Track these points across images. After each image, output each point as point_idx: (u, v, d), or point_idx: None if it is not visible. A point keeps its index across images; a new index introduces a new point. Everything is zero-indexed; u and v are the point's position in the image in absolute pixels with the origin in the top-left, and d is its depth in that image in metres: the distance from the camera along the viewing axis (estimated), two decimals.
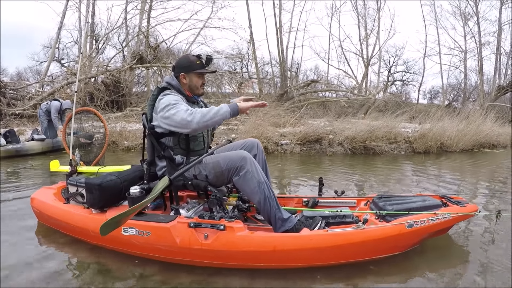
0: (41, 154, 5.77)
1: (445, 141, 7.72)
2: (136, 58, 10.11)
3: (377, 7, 18.27)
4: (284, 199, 2.32)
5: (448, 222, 2.01)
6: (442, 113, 9.00)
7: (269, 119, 7.81)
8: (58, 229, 2.21)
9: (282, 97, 11.46)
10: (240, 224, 1.79)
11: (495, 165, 6.37)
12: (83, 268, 1.88)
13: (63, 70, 12.06)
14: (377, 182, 4.30)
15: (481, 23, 17.31)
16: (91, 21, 11.74)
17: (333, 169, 5.21)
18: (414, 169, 5.56)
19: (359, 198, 2.32)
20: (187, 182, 1.92)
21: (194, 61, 1.94)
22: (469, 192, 3.86)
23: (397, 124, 7.79)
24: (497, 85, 16.43)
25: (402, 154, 7.14)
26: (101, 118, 2.41)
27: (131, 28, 11.97)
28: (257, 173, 1.83)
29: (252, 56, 13.84)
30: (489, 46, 17.56)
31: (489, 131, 8.88)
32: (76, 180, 2.14)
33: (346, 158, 6.45)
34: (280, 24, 13.82)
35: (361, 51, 18.51)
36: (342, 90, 14.39)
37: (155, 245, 1.85)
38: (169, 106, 1.81)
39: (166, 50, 11.25)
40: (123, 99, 10.25)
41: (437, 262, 1.98)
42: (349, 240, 1.79)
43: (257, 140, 2.17)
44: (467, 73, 18.52)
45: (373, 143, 6.92)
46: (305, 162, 5.87)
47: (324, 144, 6.99)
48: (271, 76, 15.33)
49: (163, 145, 1.93)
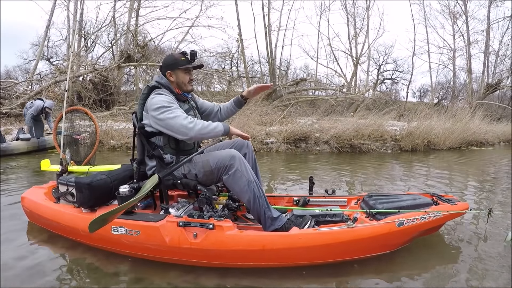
0: (26, 153, 5.73)
1: (432, 139, 7.75)
2: (124, 56, 10.04)
3: (367, 5, 18.34)
4: (274, 198, 2.32)
5: (439, 220, 2.01)
6: (429, 111, 9.05)
7: (255, 118, 7.78)
8: (49, 228, 2.20)
9: (270, 95, 11.42)
10: (229, 223, 1.78)
11: (482, 163, 6.42)
12: (73, 268, 1.87)
13: (52, 68, 11.91)
14: (364, 181, 4.29)
15: (469, 22, 17.54)
16: (79, 20, 11.64)
17: (319, 168, 5.20)
18: (402, 167, 5.57)
19: (349, 197, 2.32)
20: (177, 181, 1.91)
21: (179, 58, 1.95)
22: (457, 190, 3.88)
23: (384, 122, 7.80)
24: (486, 84, 16.55)
25: (388, 153, 7.15)
26: (91, 117, 2.41)
27: (119, 26, 11.95)
28: (246, 171, 1.83)
29: (241, 54, 13.81)
30: (477, 45, 17.81)
31: (477, 128, 8.93)
32: (66, 180, 2.13)
33: (332, 156, 6.44)
34: (269, 22, 13.84)
35: (350, 49, 18.60)
36: (330, 88, 14.36)
37: (145, 244, 1.85)
38: (163, 108, 1.81)
39: (154, 48, 11.18)
40: (111, 98, 10.18)
41: (428, 260, 1.98)
42: (338, 239, 1.78)
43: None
44: (456, 72, 18.75)
45: (359, 142, 6.92)
46: (291, 160, 5.84)
47: (310, 143, 6.98)
48: (260, 74, 15.32)
49: (153, 145, 1.93)
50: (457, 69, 18.74)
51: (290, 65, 19.82)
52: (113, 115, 8.65)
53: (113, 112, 8.82)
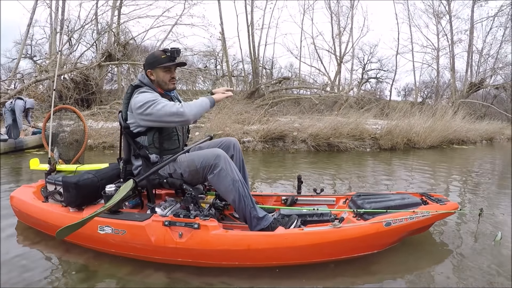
0: (3, 154, 5.62)
1: (412, 137, 7.70)
2: (105, 55, 9.94)
3: (351, 5, 18.40)
4: (262, 197, 2.31)
5: (428, 220, 2.00)
6: (412, 109, 9.02)
7: (234, 117, 7.72)
8: (37, 227, 2.20)
9: (253, 94, 11.36)
10: (215, 223, 1.77)
11: (464, 161, 6.42)
12: (60, 267, 1.87)
13: (35, 67, 11.79)
14: (342, 180, 4.26)
15: (453, 21, 17.70)
16: (61, 18, 11.55)
17: (295, 167, 5.15)
18: (381, 166, 5.53)
19: (338, 196, 2.30)
20: (163, 181, 1.91)
21: (159, 56, 1.90)
22: (441, 189, 3.86)
23: (363, 120, 7.75)
24: (469, 82, 16.61)
25: (367, 151, 7.10)
26: (80, 115, 2.40)
27: (102, 25, 11.89)
28: (231, 171, 1.82)
29: (224, 53, 13.77)
30: (461, 44, 18.01)
31: (458, 127, 8.88)
32: (54, 179, 2.13)
33: (309, 155, 6.38)
34: (251, 21, 13.84)
35: (333, 48, 18.62)
36: (313, 87, 14.31)
37: (131, 243, 1.84)
38: (149, 103, 1.78)
39: (135, 47, 11.06)
40: (93, 97, 10.09)
41: (417, 260, 1.96)
42: (324, 238, 1.77)
43: (235, 139, 2.16)
44: (439, 71, 18.92)
45: (337, 140, 6.87)
46: (266, 160, 5.79)
47: (287, 142, 6.92)
48: (243, 73, 15.30)
49: (139, 144, 1.92)
50: (440, 68, 18.98)
51: (275, 64, 19.86)
52: (94, 115, 8.53)
53: (93, 112, 8.68)
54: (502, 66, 17.57)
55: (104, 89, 11.91)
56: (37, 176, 3.40)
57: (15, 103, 5.99)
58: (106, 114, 8.34)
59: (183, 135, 2.05)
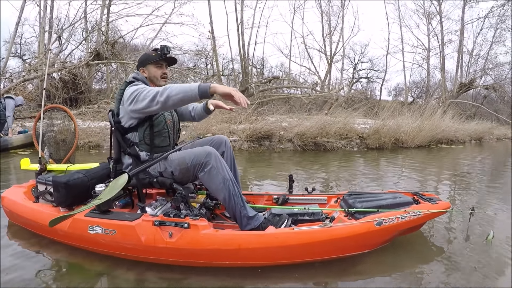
0: None
1: (400, 136, 7.69)
2: (93, 54, 9.81)
3: (341, 4, 18.37)
4: (254, 196, 2.30)
5: (419, 219, 1.99)
6: (397, 108, 9.03)
7: (220, 116, 7.67)
8: (28, 228, 2.19)
9: (243, 93, 11.31)
10: (205, 222, 1.77)
11: (452, 161, 6.43)
12: (52, 267, 1.85)
13: (25, 66, 11.62)
14: (329, 179, 4.25)
15: (444, 22, 17.77)
16: (49, 16, 11.39)
17: (280, 166, 5.12)
18: (369, 165, 5.52)
19: (329, 195, 2.30)
20: (153, 180, 1.90)
21: (151, 53, 1.98)
22: (432, 189, 3.86)
23: (351, 120, 7.72)
24: (459, 83, 16.73)
25: (354, 151, 7.08)
26: (70, 115, 2.39)
27: (91, 23, 11.73)
28: (222, 169, 1.81)
29: (213, 52, 13.74)
30: (451, 45, 18.13)
31: (446, 127, 8.89)
32: (45, 178, 2.12)
33: (295, 154, 6.36)
34: (241, 20, 13.79)
35: (324, 48, 18.62)
36: (303, 86, 14.25)
37: (121, 243, 1.83)
38: (137, 91, 1.79)
39: (124, 46, 10.94)
40: (81, 96, 9.97)
41: (408, 260, 1.96)
42: (315, 238, 1.77)
43: (225, 137, 2.15)
44: (430, 71, 18.97)
45: (324, 140, 6.83)
46: (252, 159, 5.76)
47: (274, 141, 6.88)
48: (232, 73, 15.23)
49: (129, 141, 1.91)
50: (431, 68, 19.05)
51: (266, 63, 19.79)
52: (81, 114, 8.42)
53: (81, 111, 8.55)
54: (492, 67, 17.80)
55: (93, 88, 11.77)
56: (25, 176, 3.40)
57: (7, 102, 5.92)
58: (94, 114, 8.21)
59: (174, 134, 2.05)
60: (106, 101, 8.84)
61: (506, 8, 16.35)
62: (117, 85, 10.03)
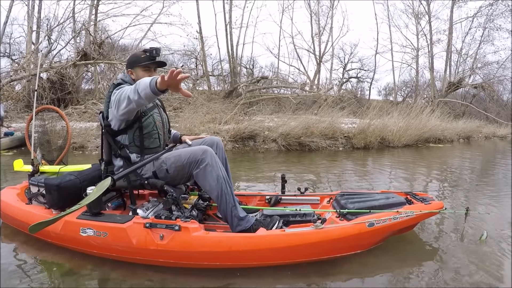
0: None
1: (386, 136, 7.64)
2: (80, 54, 9.66)
3: (330, 4, 18.29)
4: (246, 197, 2.30)
5: (412, 220, 1.99)
6: (384, 107, 8.97)
7: (203, 117, 7.61)
8: (21, 229, 2.19)
9: (231, 93, 11.25)
10: (196, 224, 1.77)
11: (439, 160, 6.42)
12: (44, 269, 1.86)
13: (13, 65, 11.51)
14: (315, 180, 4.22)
15: (433, 22, 17.86)
16: (37, 16, 11.25)
17: (260, 166, 5.10)
18: (354, 165, 5.50)
19: (322, 195, 2.29)
20: (144, 182, 1.90)
21: (139, 55, 1.92)
22: (421, 189, 3.86)
23: (337, 119, 7.66)
24: (448, 82, 16.73)
25: (340, 150, 7.04)
26: (63, 116, 2.38)
27: (79, 23, 11.57)
28: (217, 167, 1.82)
29: (202, 53, 13.71)
30: (440, 44, 18.07)
31: (433, 126, 8.86)
32: (37, 180, 2.12)
33: (279, 155, 6.32)
34: (230, 20, 13.73)
35: (313, 48, 18.55)
36: (291, 86, 14.16)
37: (113, 245, 1.83)
38: (117, 96, 1.78)
39: (111, 46, 10.83)
40: (69, 96, 9.83)
41: (402, 260, 1.96)
42: (306, 240, 1.77)
43: (218, 138, 2.15)
44: (419, 70, 18.99)
45: (308, 139, 6.77)
46: (235, 159, 5.70)
47: (258, 141, 6.81)
48: (221, 72, 15.19)
49: (119, 144, 1.91)
50: (420, 67, 19.05)
51: (256, 63, 19.80)
52: (67, 114, 8.12)
53: (67, 112, 8.34)
54: (481, 66, 17.82)
55: (82, 88, 11.64)
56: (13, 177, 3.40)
57: None
58: (80, 114, 8.12)
59: (164, 134, 2.04)
60: (94, 102, 8.72)
61: (494, 8, 16.37)
62: (106, 86, 9.89)
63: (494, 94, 17.22)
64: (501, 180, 4.58)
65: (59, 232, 1.92)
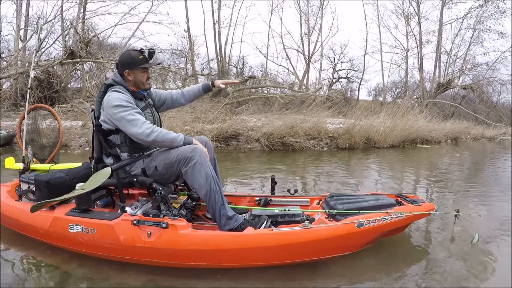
0: None
1: (372, 136, 7.59)
2: (67, 53, 9.51)
3: (320, 4, 18.49)
4: (236, 198, 2.29)
5: (402, 221, 1.98)
6: (369, 107, 8.98)
7: (187, 116, 7.56)
8: (10, 226, 2.18)
9: (219, 93, 11.26)
10: (183, 222, 1.76)
11: (424, 160, 6.43)
12: (33, 267, 1.85)
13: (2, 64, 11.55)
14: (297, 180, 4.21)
15: (422, 23, 18.00)
16: (25, 14, 11.26)
17: (242, 166, 5.07)
18: (339, 165, 5.46)
19: (312, 197, 2.29)
20: (133, 180, 1.90)
21: (136, 56, 1.91)
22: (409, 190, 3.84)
23: (323, 119, 7.61)
24: (437, 83, 16.88)
25: (324, 150, 7.00)
26: (54, 114, 2.40)
27: (67, 21, 11.60)
28: (206, 165, 1.82)
29: (190, 52, 13.75)
30: (429, 45, 18.31)
31: (419, 126, 8.86)
32: (27, 177, 2.12)
33: (262, 154, 6.28)
34: (218, 19, 13.82)
35: (302, 47, 18.68)
36: (280, 86, 14.19)
37: (100, 242, 1.82)
38: (121, 108, 1.81)
39: (99, 45, 10.71)
40: (57, 95, 9.78)
41: (393, 262, 1.95)
42: (294, 239, 1.75)
43: (207, 138, 2.15)
44: (408, 71, 19.14)
45: (292, 139, 6.70)
46: (218, 159, 5.63)
47: (241, 141, 6.76)
48: (210, 72, 15.22)
49: (111, 143, 1.92)
50: (409, 68, 19.21)
51: (246, 63, 19.86)
52: None
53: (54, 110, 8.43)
54: (470, 67, 18.03)
55: (70, 87, 11.59)
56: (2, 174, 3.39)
57: None
58: (66, 112, 8.05)
59: None
60: (80, 101, 8.68)
61: (484, 9, 16.55)
62: (95, 85, 9.75)
63: (484, 95, 17.35)
64: (490, 180, 4.57)
65: (47, 228, 1.92)
